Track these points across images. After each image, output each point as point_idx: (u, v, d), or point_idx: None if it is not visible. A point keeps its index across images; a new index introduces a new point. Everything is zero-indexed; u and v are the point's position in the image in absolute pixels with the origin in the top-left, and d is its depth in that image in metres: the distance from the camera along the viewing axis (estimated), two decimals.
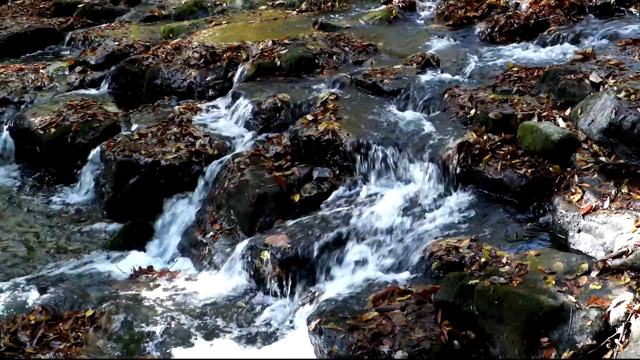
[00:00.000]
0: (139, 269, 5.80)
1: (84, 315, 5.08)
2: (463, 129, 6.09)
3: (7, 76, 8.64)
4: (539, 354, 4.19)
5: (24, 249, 6.22)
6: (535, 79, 6.62)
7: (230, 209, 6.02)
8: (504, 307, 4.30)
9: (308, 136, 6.20)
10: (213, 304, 5.36)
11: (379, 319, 4.50)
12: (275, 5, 10.74)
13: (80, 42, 10.03)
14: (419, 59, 7.41)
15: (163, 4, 11.33)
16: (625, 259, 4.42)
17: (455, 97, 6.48)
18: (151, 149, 6.62)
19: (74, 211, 6.81)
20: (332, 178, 6.04)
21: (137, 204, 6.51)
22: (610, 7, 8.36)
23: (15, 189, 7.22)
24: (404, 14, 9.49)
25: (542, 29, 8.16)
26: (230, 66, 7.93)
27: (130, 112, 7.66)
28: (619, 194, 4.97)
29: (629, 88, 5.42)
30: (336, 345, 4.45)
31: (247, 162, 6.22)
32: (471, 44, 8.19)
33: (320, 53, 7.82)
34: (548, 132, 5.65)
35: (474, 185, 5.71)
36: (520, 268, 4.56)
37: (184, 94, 7.84)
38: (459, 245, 5.03)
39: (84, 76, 8.62)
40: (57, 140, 7.26)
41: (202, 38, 8.82)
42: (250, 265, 5.47)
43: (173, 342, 4.94)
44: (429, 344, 4.31)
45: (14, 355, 4.71)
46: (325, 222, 5.55)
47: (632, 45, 7.04)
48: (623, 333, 3.99)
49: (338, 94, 6.91)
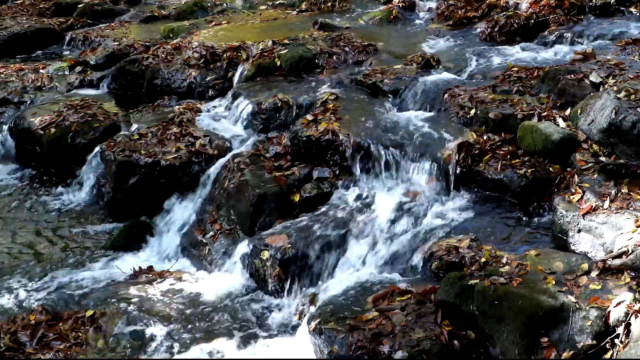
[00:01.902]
0: (139, 269, 5.80)
1: (84, 315, 5.08)
2: (463, 129, 6.09)
3: (7, 76, 8.64)
4: (539, 354, 4.20)
5: (24, 249, 6.22)
6: (535, 79, 6.62)
7: (230, 209, 6.02)
8: (504, 307, 4.31)
9: (308, 136, 6.19)
10: (213, 304, 5.36)
11: (379, 319, 4.50)
12: (275, 5, 10.73)
13: (80, 42, 10.03)
14: (419, 59, 7.41)
15: (163, 4, 11.32)
16: (625, 259, 4.42)
17: (455, 97, 6.47)
18: (151, 149, 6.61)
19: (74, 211, 6.80)
20: (332, 178, 6.03)
21: (137, 204, 6.51)
22: (610, 7, 8.35)
23: (15, 189, 7.22)
24: (404, 14, 9.49)
25: (542, 29, 8.16)
26: (230, 66, 7.93)
27: (130, 112, 7.65)
28: (619, 194, 4.97)
29: (629, 88, 5.42)
30: (336, 345, 4.45)
31: (247, 162, 6.22)
32: (471, 44, 8.19)
33: (320, 53, 7.82)
34: (548, 132, 5.65)
35: (474, 185, 5.72)
36: (520, 268, 4.56)
37: (184, 94, 7.84)
38: (459, 245, 5.03)
39: (84, 76, 8.61)
40: (57, 140, 7.26)
41: (202, 38, 8.81)
42: (250, 265, 5.48)
43: (173, 342, 4.94)
44: (429, 344, 4.31)
45: (14, 355, 4.71)
46: (325, 222, 5.56)
47: (632, 45, 7.04)
48: (623, 333, 3.99)
49: (338, 94, 6.90)
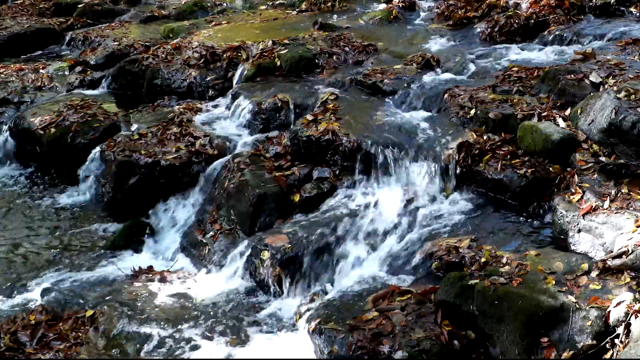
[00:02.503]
0: (139, 269, 5.79)
1: (84, 315, 5.08)
2: (463, 129, 6.09)
3: (7, 76, 8.64)
4: (539, 354, 4.20)
5: (24, 249, 6.22)
6: (535, 79, 6.62)
7: (230, 209, 6.02)
8: (504, 307, 4.31)
9: (308, 136, 6.19)
10: (213, 303, 5.36)
11: (379, 319, 4.50)
12: (275, 5, 10.74)
13: (80, 42, 10.03)
14: (419, 59, 7.41)
15: (163, 4, 11.32)
16: (625, 259, 4.42)
17: (455, 97, 6.47)
18: (151, 149, 6.62)
19: (74, 211, 6.79)
20: (332, 178, 6.03)
21: (137, 204, 6.51)
22: (610, 7, 8.35)
23: (15, 189, 7.22)
24: (404, 14, 9.49)
25: (542, 29, 8.16)
26: (230, 66, 7.93)
27: (130, 112, 7.66)
28: (619, 194, 4.97)
29: (629, 88, 5.42)
30: (336, 345, 4.45)
31: (247, 162, 6.22)
32: (471, 44, 8.19)
33: (320, 53, 7.82)
34: (548, 132, 5.65)
35: (474, 185, 5.72)
36: (520, 268, 4.56)
37: (184, 94, 7.84)
38: (459, 245, 5.04)
39: (84, 76, 8.61)
40: (57, 140, 7.26)
41: (202, 38, 8.81)
42: (250, 265, 5.47)
43: (173, 342, 4.94)
44: (429, 344, 4.31)
45: (14, 355, 4.71)
46: (325, 222, 5.55)
47: (632, 45, 7.03)
48: (623, 333, 3.99)
49: (338, 94, 6.90)
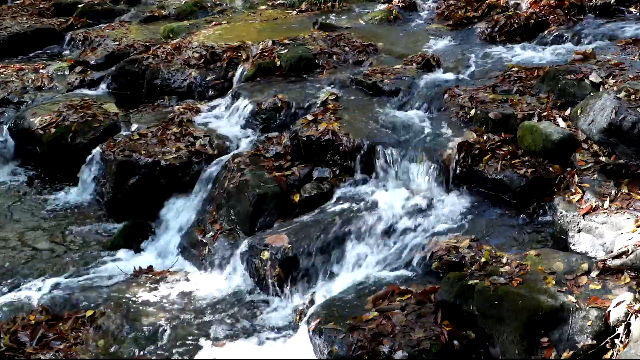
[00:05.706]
0: (139, 269, 5.80)
1: (84, 315, 5.09)
2: (463, 129, 6.09)
3: (7, 76, 8.64)
4: (539, 354, 4.20)
5: (24, 249, 6.22)
6: (535, 79, 6.62)
7: (230, 209, 6.02)
8: (504, 307, 4.31)
9: (308, 136, 6.19)
10: (213, 304, 5.36)
11: (379, 319, 4.50)
12: (275, 5, 10.73)
13: (80, 42, 10.02)
14: (419, 59, 7.41)
15: (163, 4, 11.31)
16: (625, 259, 4.42)
17: (455, 97, 6.48)
18: (151, 149, 6.62)
19: (74, 211, 6.80)
20: (332, 178, 6.03)
21: (137, 204, 6.51)
22: (610, 7, 8.35)
23: (15, 189, 7.22)
24: (404, 14, 9.49)
25: (542, 29, 8.16)
26: (230, 66, 7.93)
27: (130, 112, 7.66)
28: (619, 194, 4.97)
29: (629, 88, 5.42)
30: (336, 345, 4.45)
31: (247, 162, 6.22)
32: (471, 44, 8.19)
33: (320, 53, 7.82)
34: (548, 132, 5.65)
35: (474, 185, 5.72)
36: (520, 268, 4.56)
37: (184, 94, 7.84)
38: (459, 245, 5.03)
39: (84, 76, 8.60)
40: (57, 140, 7.26)
41: (202, 38, 8.81)
42: (250, 265, 5.47)
43: (173, 342, 4.94)
44: (429, 344, 4.31)
45: (14, 355, 4.71)
46: (325, 222, 5.55)
47: (632, 45, 7.04)
48: (623, 333, 3.99)
49: (338, 94, 6.91)
